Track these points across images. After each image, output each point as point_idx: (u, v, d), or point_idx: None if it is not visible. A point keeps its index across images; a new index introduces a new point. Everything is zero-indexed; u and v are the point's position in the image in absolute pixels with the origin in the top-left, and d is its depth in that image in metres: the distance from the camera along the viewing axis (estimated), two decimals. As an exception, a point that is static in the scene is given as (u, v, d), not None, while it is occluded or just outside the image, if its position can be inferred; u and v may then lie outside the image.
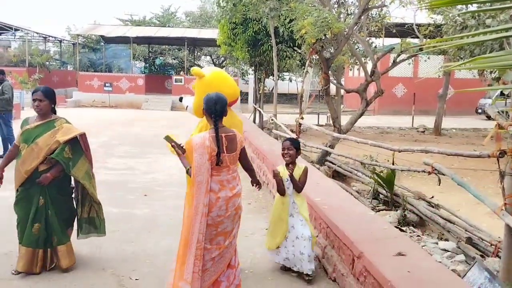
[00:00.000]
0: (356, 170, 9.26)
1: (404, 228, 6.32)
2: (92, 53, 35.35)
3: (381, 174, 7.62)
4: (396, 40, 17.11)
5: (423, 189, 8.30)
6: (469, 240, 5.53)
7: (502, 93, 19.86)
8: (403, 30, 14.14)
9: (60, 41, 35.37)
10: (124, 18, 38.82)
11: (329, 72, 10.63)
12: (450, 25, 9.02)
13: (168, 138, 3.64)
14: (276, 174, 4.26)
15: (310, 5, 9.51)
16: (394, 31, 14.46)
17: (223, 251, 3.60)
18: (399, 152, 6.26)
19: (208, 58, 39.44)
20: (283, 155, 4.37)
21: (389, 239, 3.86)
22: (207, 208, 3.44)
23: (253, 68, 18.88)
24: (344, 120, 11.28)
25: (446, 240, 5.87)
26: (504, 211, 3.81)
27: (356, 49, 13.39)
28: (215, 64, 37.49)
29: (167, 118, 20.13)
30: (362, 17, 10.31)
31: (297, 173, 4.30)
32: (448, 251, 5.41)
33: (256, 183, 3.97)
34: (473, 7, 8.87)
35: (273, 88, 14.74)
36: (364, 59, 12.89)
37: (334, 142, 10.12)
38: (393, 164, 7.76)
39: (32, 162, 4.14)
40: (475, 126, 21.41)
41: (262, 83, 18.48)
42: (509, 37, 1.87)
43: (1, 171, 4.39)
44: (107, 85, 26.65)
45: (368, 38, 12.42)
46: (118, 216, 6.14)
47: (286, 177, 4.28)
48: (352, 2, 13.54)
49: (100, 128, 15.92)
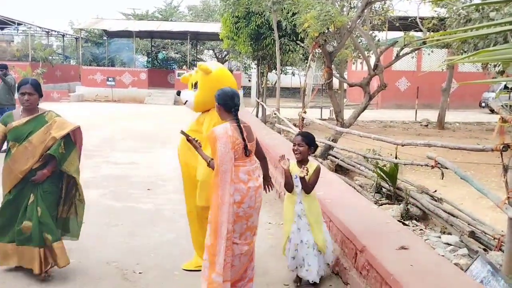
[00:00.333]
0: (359, 164, 9.25)
1: (407, 222, 6.33)
2: (95, 48, 35.32)
3: (384, 168, 7.62)
4: (400, 34, 17.04)
5: (426, 183, 8.29)
6: (472, 234, 5.52)
7: (506, 87, 19.79)
8: (407, 24, 14.06)
9: (63, 36, 35.36)
10: (127, 12, 38.78)
11: (332, 66, 10.59)
12: (454, 19, 8.97)
13: (184, 133, 3.76)
14: (283, 160, 3.83)
15: (313, -1, 9.46)
16: (397, 25, 14.35)
17: (251, 247, 3.59)
18: (402, 146, 6.25)
19: (211, 52, 39.35)
20: (293, 151, 3.99)
21: (392, 233, 3.87)
22: (233, 198, 3.41)
23: (256, 62, 18.86)
24: (347, 114, 11.28)
25: (449, 234, 5.87)
26: (507, 205, 3.81)
27: (359, 43, 13.33)
28: (218, 58, 37.42)
29: (170, 112, 20.14)
30: (365, 11, 10.26)
31: (310, 172, 3.87)
32: (451, 245, 5.41)
33: (266, 176, 3.88)
34: (477, 0, 8.83)
35: (276, 82, 14.72)
36: (367, 53, 12.83)
37: (337, 136, 10.11)
38: (396, 158, 7.75)
39: (28, 162, 3.88)
40: (479, 120, 21.34)
41: (265, 77, 18.46)
42: (513, 30, 1.86)
43: None
44: (110, 80, 26.65)
45: (371, 32, 12.36)
46: (122, 210, 6.18)
47: (295, 173, 3.88)
48: (355, -4, 13.49)
49: (103, 123, 15.93)
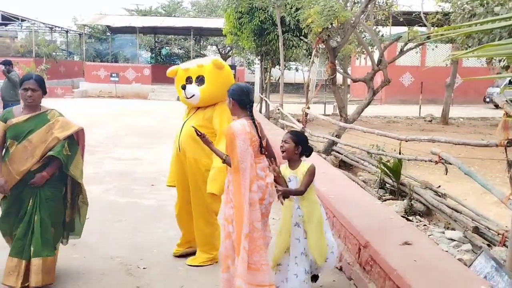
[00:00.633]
0: (363, 160, 9.23)
1: (411, 218, 6.32)
2: (99, 43, 35.36)
3: (388, 164, 7.60)
4: (404, 29, 17.00)
5: (430, 179, 8.26)
6: (476, 229, 5.51)
7: (511, 82, 19.70)
8: (411, 19, 14.01)
9: (67, 32, 35.41)
10: (130, 8, 38.79)
11: (336, 61, 10.56)
12: (458, 13, 8.91)
13: (195, 129, 3.69)
14: (275, 170, 3.44)
15: (317, -6, 9.42)
16: (401, 20, 14.31)
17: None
18: (406, 142, 6.22)
19: (214, 48, 39.31)
20: (280, 149, 3.66)
21: (396, 229, 3.86)
22: (257, 195, 3.33)
23: (259, 58, 18.82)
24: (351, 110, 11.24)
25: (453, 230, 5.86)
26: (512, 201, 3.79)
27: (363, 38, 13.28)
28: (221, 54, 37.40)
29: (174, 108, 20.13)
30: (369, 6, 10.21)
31: (301, 172, 3.53)
32: (455, 240, 5.40)
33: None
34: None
35: (280, 78, 14.69)
36: (371, 48, 12.79)
37: (341, 132, 10.09)
38: (400, 154, 7.73)
39: (26, 162, 3.61)
40: (483, 115, 21.24)
41: (268, 73, 18.42)
42: (518, 25, 1.85)
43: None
44: (114, 75, 26.68)
45: (375, 27, 12.31)
46: (125, 206, 6.20)
47: (288, 176, 3.57)
48: (359, -10, 13.43)
49: (107, 119, 15.97)
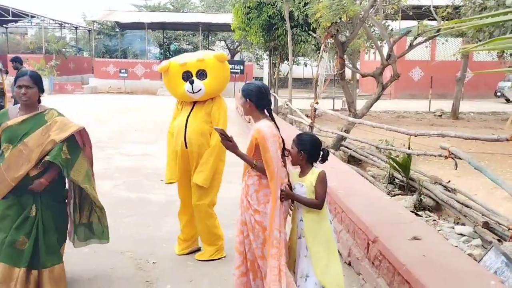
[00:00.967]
0: (372, 155, 9.20)
1: (420, 213, 6.29)
2: (108, 39, 35.50)
3: (397, 159, 7.57)
4: (413, 23, 16.84)
5: (440, 174, 8.22)
6: (486, 225, 5.47)
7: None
8: (420, 13, 13.88)
9: (76, 28, 35.60)
10: (139, 4, 38.88)
11: (345, 56, 10.51)
12: (469, 7, 8.82)
13: (219, 129, 3.25)
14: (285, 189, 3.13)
15: (325, -12, 9.37)
16: (411, 14, 14.18)
17: None
18: (415, 137, 6.20)
19: (223, 43, 39.29)
20: None
21: (405, 224, 3.85)
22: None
23: (268, 53, 18.77)
24: (360, 105, 11.21)
25: (463, 225, 5.83)
26: (522, 195, 3.76)
27: (372, 32, 13.20)
28: (230, 49, 37.38)
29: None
30: (378, 0, 10.14)
31: (309, 180, 3.11)
32: (465, 236, 5.37)
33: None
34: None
35: (288, 73, 14.66)
36: (380, 43, 12.70)
37: (350, 127, 10.06)
38: (409, 149, 7.69)
39: (22, 167, 3.34)
40: (494, 110, 21.04)
41: (277, 68, 18.38)
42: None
43: None
44: (123, 72, 26.78)
45: (384, 21, 12.22)
46: (135, 201, 6.24)
47: (294, 184, 3.22)
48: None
49: (116, 114, 16.05)
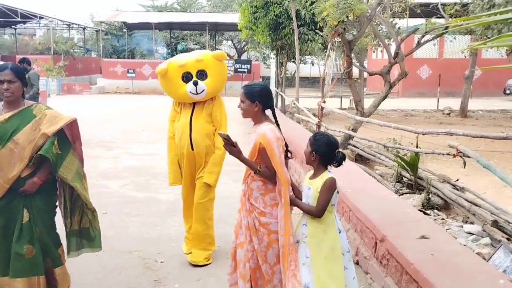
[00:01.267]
0: (379, 154, 9.17)
1: (428, 212, 6.26)
2: (115, 40, 35.65)
3: (405, 158, 7.54)
4: (421, 21, 16.75)
5: (448, 172, 8.17)
6: (495, 223, 5.44)
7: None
8: (428, 10, 13.82)
9: (84, 28, 35.78)
10: (146, 4, 39.00)
11: (352, 55, 10.47)
12: (477, 4, 8.77)
13: (224, 135, 3.06)
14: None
15: (332, -13, 9.35)
16: (419, 12, 14.10)
17: None
18: (423, 135, 6.16)
19: (230, 43, 39.31)
20: None
21: (413, 222, 3.83)
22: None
23: (275, 52, 18.75)
24: (367, 103, 11.17)
25: (472, 223, 5.79)
26: (532, 194, 3.73)
27: (379, 31, 13.15)
28: (237, 49, 37.40)
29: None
30: (385, -2, 10.09)
31: (316, 184, 2.92)
32: (473, 234, 5.34)
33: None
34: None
35: (295, 72, 14.64)
36: (388, 41, 12.65)
37: (357, 126, 10.03)
38: (417, 147, 7.66)
39: (15, 167, 3.09)
40: (503, 108, 20.87)
41: (284, 67, 18.35)
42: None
43: None
44: (130, 72, 26.87)
45: (392, 19, 12.18)
46: (143, 201, 6.27)
47: (303, 187, 3.06)
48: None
49: (124, 114, 16.13)
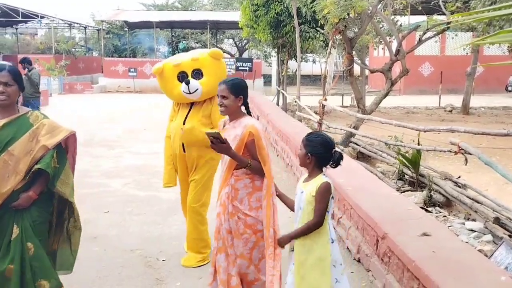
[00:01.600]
0: (381, 151, 9.16)
1: (430, 209, 6.25)
2: (117, 39, 35.65)
3: (406, 155, 7.53)
4: (422, 18, 16.70)
5: (450, 169, 8.16)
6: (497, 220, 5.43)
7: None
8: (429, 7, 13.77)
9: (85, 28, 35.77)
10: (147, 3, 38.97)
11: (353, 52, 10.46)
12: (479, 0, 8.74)
13: (214, 133, 2.87)
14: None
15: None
16: (420, 9, 14.04)
17: None
18: (425, 132, 6.15)
19: (231, 41, 39.27)
20: None
21: (414, 220, 3.82)
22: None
23: (276, 50, 18.74)
24: (369, 101, 11.15)
25: (473, 220, 5.79)
26: (533, 190, 3.72)
27: (381, 28, 13.11)
28: (238, 47, 37.37)
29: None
30: (386, -5, 10.08)
31: (309, 189, 2.75)
32: (475, 231, 5.33)
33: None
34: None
35: (296, 70, 14.62)
36: (389, 38, 12.64)
37: (359, 123, 10.02)
38: (419, 144, 7.65)
39: (8, 181, 2.84)
40: (505, 105, 20.79)
41: (285, 65, 18.34)
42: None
43: None
44: (132, 70, 26.86)
45: (393, 16, 12.13)
46: (144, 199, 6.27)
47: (301, 187, 2.83)
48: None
49: (125, 113, 16.15)
